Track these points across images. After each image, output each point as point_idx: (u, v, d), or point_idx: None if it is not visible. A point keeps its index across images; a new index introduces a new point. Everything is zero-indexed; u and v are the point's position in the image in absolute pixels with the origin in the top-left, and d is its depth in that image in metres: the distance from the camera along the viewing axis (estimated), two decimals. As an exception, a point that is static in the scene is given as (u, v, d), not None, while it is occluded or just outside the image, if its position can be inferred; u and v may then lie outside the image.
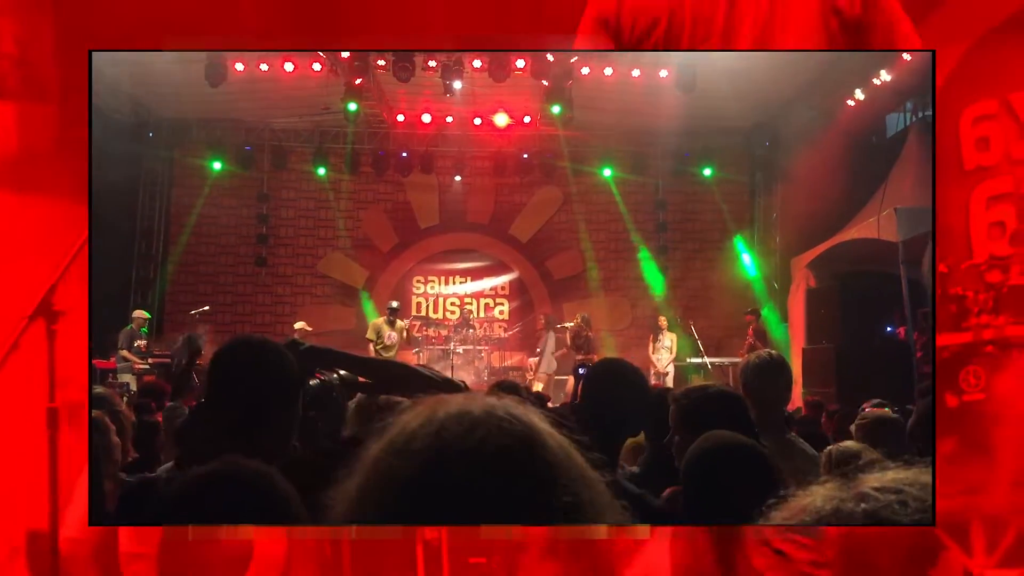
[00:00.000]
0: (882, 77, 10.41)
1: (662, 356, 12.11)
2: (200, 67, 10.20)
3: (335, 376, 2.15)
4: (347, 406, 2.39)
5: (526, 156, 13.38)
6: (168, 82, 10.96)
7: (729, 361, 11.66)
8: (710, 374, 11.69)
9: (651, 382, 11.20)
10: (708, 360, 11.91)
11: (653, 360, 12.12)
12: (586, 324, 11.68)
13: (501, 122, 12.37)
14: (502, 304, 14.12)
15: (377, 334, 11.38)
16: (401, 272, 13.94)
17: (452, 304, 14.02)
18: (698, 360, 12.02)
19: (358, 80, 10.67)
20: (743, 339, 11.68)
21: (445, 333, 12.99)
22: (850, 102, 11.15)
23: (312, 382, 2.08)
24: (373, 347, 11.23)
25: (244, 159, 13.34)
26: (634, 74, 10.82)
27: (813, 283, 11.57)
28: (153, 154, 13.15)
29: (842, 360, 9.79)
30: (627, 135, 13.34)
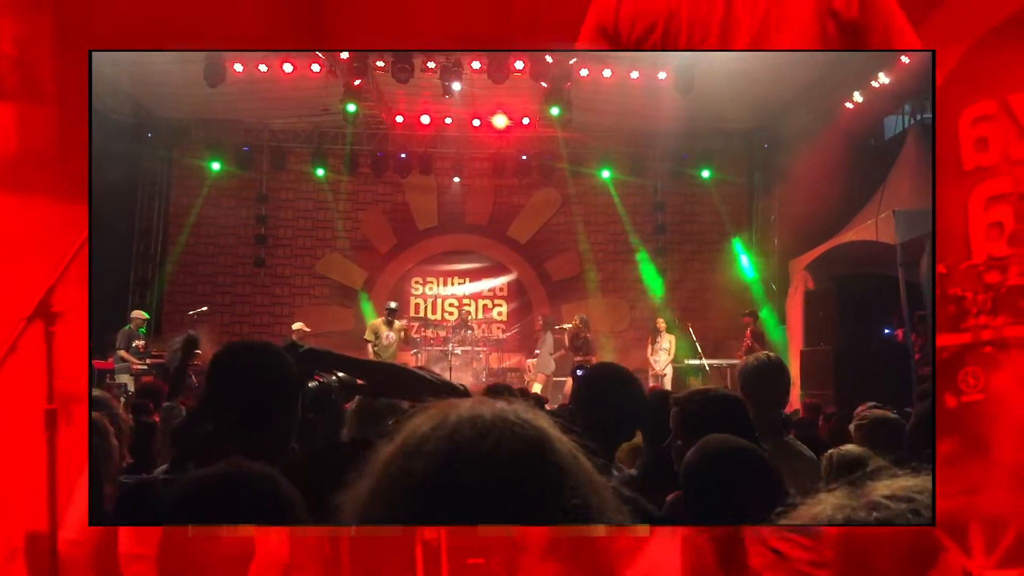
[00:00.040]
0: (880, 80, 10.41)
1: (660, 358, 12.08)
2: (199, 67, 10.17)
3: (334, 378, 2.15)
4: (346, 408, 2.40)
5: (525, 158, 13.38)
6: (167, 82, 10.94)
7: (727, 363, 11.64)
8: (708, 376, 11.68)
9: (649, 384, 11.22)
10: (706, 362, 11.89)
11: (651, 362, 12.10)
12: (584, 325, 11.68)
13: (500, 124, 12.37)
14: (500, 305, 14.12)
15: (375, 334, 11.37)
16: (399, 273, 13.93)
17: (450, 305, 14.02)
18: (696, 362, 12.01)
19: (357, 81, 10.66)
20: (741, 341, 11.69)
21: (443, 334, 12.99)
22: (848, 104, 11.15)
23: (311, 384, 2.08)
24: (371, 347, 11.23)
25: (243, 160, 13.32)
26: (633, 76, 10.81)
27: (811, 285, 11.56)
28: (152, 154, 13.12)
29: (840, 362, 9.75)
30: (626, 137, 13.34)
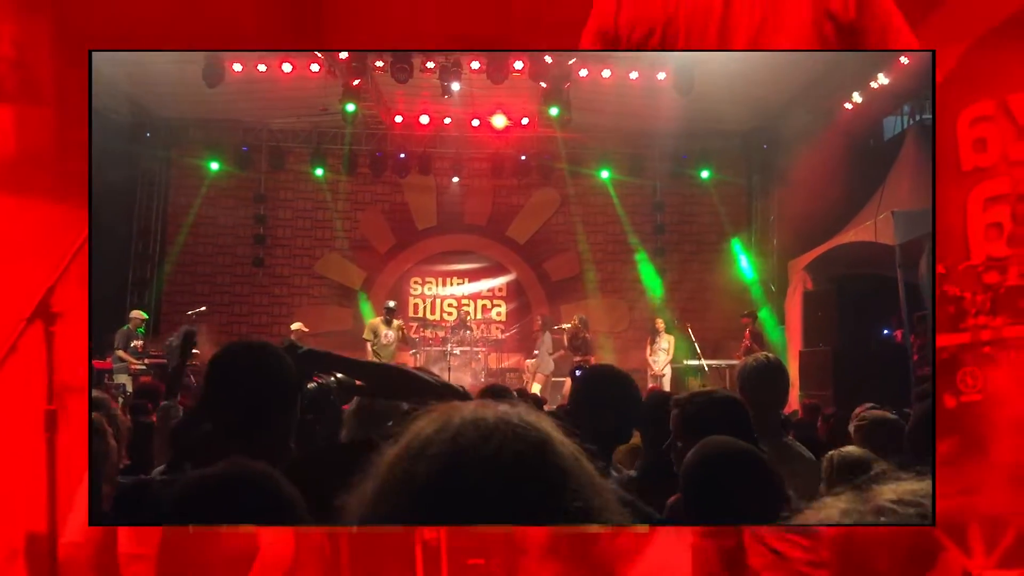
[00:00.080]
0: (879, 80, 10.41)
1: (659, 358, 12.08)
2: (198, 67, 10.15)
3: (332, 380, 2.15)
4: (344, 409, 2.40)
5: (524, 158, 13.38)
6: (166, 82, 10.94)
7: (726, 363, 11.64)
8: (707, 376, 11.68)
9: (648, 384, 11.22)
10: (705, 362, 11.90)
11: (650, 362, 12.10)
12: (583, 326, 11.68)
13: (499, 124, 12.36)
14: (499, 306, 14.11)
15: (374, 334, 11.37)
16: (398, 273, 13.93)
17: (449, 305, 14.02)
18: (695, 362, 12.01)
19: (356, 81, 10.66)
20: (740, 342, 11.68)
21: (442, 334, 12.99)
22: (847, 105, 11.16)
23: (310, 385, 2.08)
24: (370, 346, 11.23)
25: (242, 160, 13.31)
26: (632, 76, 10.81)
27: (810, 286, 11.56)
28: (150, 154, 13.11)
29: (839, 363, 9.75)
30: (625, 137, 13.34)
